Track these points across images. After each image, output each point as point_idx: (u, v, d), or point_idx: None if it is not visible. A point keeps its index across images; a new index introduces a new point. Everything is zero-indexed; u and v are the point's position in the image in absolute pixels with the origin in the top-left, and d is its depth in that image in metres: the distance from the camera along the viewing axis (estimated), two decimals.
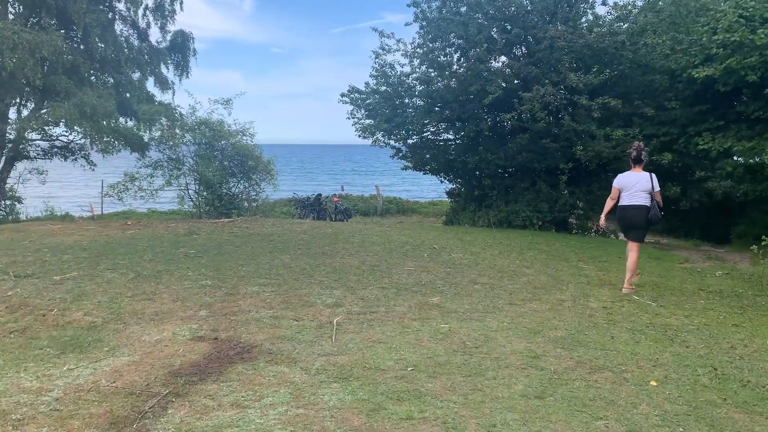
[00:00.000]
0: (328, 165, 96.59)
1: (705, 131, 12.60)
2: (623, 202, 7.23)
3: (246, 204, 17.67)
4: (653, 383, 3.71)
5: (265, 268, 7.82)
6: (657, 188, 7.16)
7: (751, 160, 11.50)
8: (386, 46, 16.07)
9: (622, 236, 10.79)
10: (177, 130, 17.67)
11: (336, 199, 23.25)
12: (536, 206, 15.13)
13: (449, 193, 18.70)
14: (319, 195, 23.39)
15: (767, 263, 8.25)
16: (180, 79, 23.04)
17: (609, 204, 7.48)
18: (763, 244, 7.45)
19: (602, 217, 7.70)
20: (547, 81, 13.02)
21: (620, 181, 7.37)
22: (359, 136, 16.68)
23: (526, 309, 5.85)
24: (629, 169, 7.44)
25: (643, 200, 7.06)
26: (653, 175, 7.26)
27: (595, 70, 13.07)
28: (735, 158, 11.91)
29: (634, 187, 7.14)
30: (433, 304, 5.91)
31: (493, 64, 14.27)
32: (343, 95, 16.76)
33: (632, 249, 7.21)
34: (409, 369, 3.94)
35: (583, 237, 13.98)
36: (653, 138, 13.67)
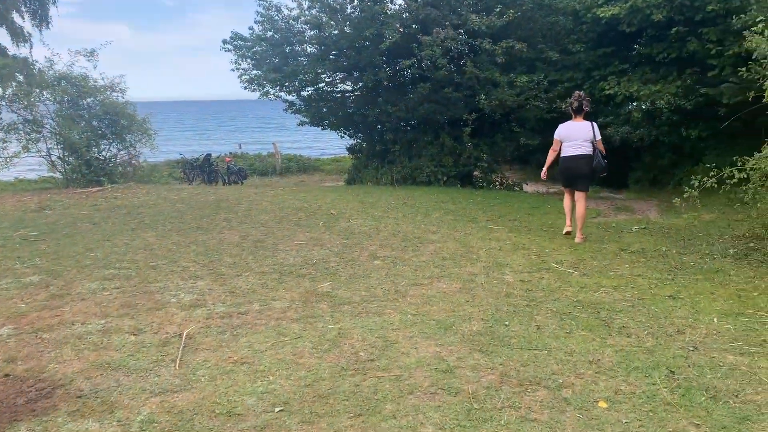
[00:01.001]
0: (226, 122, 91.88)
1: (610, 75, 12.09)
2: (568, 152, 7.09)
3: (120, 169, 15.64)
4: (602, 404, 2.80)
5: (120, 252, 6.37)
6: (599, 137, 7.08)
7: (656, 104, 11.11)
8: None
9: (544, 189, 10.36)
10: (36, 88, 15.24)
11: (228, 159, 21.45)
12: (440, 161, 14.29)
13: (350, 150, 17.51)
14: (209, 155, 21.46)
15: (690, 213, 7.78)
16: (40, 30, 20.20)
17: (551, 155, 7.35)
18: (685, 195, 6.86)
19: (544, 169, 7.56)
20: (447, 24, 11.95)
21: (562, 131, 7.18)
22: (245, 88, 15.00)
23: (434, 291, 4.86)
24: (570, 119, 7.24)
25: (588, 149, 6.99)
26: (594, 123, 7.15)
27: (497, 11, 12.14)
28: (638, 103, 11.50)
29: (578, 137, 7.01)
30: (322, 293, 4.79)
31: (390, 6, 12.99)
32: (225, 42, 14.94)
33: (580, 198, 7.18)
34: (276, 410, 2.81)
35: (489, 191, 13.32)
36: (558, 84, 13.07)
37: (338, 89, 16.23)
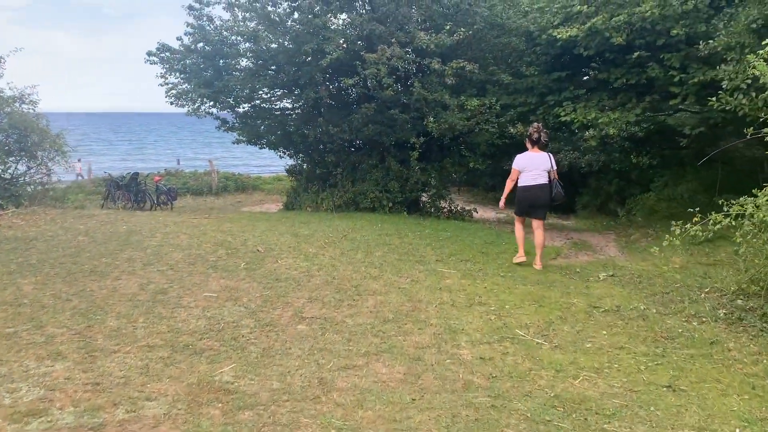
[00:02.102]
0: (167, 135, 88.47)
1: (565, 101, 11.34)
2: (526, 182, 7.28)
3: (30, 190, 13.90)
4: None
5: None
6: (555, 167, 7.39)
7: (611, 132, 10.37)
8: None
9: (508, 215, 9.55)
10: None
11: (157, 178, 19.81)
12: (386, 186, 13.25)
13: (290, 171, 16.27)
14: (136, 174, 19.75)
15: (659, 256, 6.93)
16: None
17: (509, 185, 7.52)
18: (665, 244, 5.98)
19: (502, 199, 7.74)
20: (393, 41, 10.97)
21: (521, 162, 7.36)
22: (172, 103, 13.59)
23: (370, 380, 3.72)
24: (526, 150, 7.44)
25: (545, 179, 7.25)
26: (551, 155, 7.41)
27: (447, 29, 11.25)
28: (595, 130, 10.75)
29: (537, 167, 7.23)
30: (218, 387, 3.57)
31: (333, 21, 11.92)
32: (150, 54, 13.53)
33: (539, 227, 7.48)
34: None
35: (438, 221, 12.32)
36: (510, 108, 12.25)
37: (277, 106, 15.03)
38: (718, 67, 8.48)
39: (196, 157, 41.64)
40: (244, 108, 14.84)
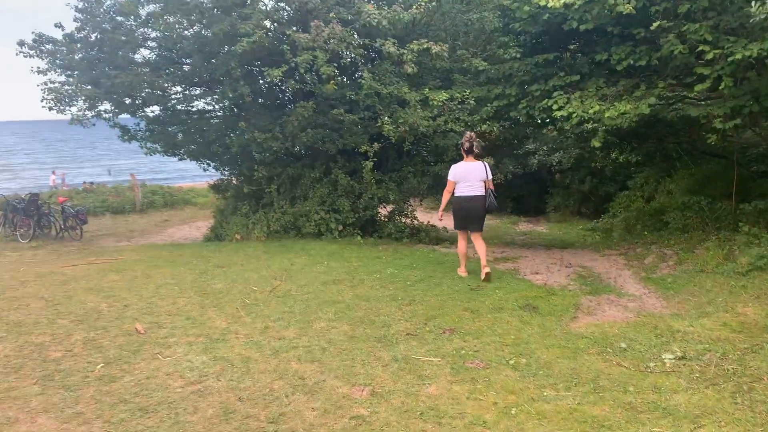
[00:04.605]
0: (86, 145, 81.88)
1: (555, 90, 8.90)
2: (462, 192, 7.11)
3: None
4: None
5: None
6: (490, 177, 7.16)
7: (624, 125, 8.00)
8: None
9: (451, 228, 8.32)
10: None
11: (62, 199, 16.54)
12: (333, 204, 10.61)
13: (214, 188, 13.41)
14: (35, 195, 16.42)
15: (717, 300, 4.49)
16: None
17: (446, 197, 7.32)
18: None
19: (440, 211, 7.65)
20: (333, 16, 8.30)
21: (455, 172, 7.16)
22: (52, 108, 10.53)
23: None
24: (461, 160, 7.20)
25: (481, 190, 7.08)
26: (486, 164, 7.21)
27: (400, 0, 8.66)
28: (597, 125, 8.35)
29: (471, 177, 7.05)
30: None
31: None
32: (22, 44, 10.45)
33: (477, 238, 7.25)
34: None
35: (400, 248, 9.73)
36: (485, 102, 9.75)
37: (194, 108, 12.17)
38: None
39: (127, 169, 37.74)
40: (153, 111, 11.95)
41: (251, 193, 11.52)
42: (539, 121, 10.01)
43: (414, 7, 8.42)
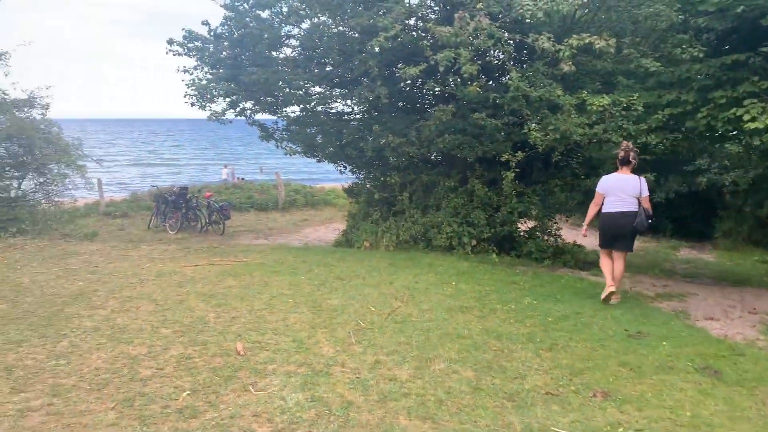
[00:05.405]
0: (245, 143, 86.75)
1: (747, 97, 7.31)
2: (610, 208, 6.53)
3: (30, 210, 11.44)
4: None
5: None
6: (646, 193, 6.48)
7: None
8: None
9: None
10: None
11: (208, 194, 17.22)
12: (468, 216, 9.72)
13: (348, 192, 13.04)
14: (184, 189, 17.26)
15: None
16: None
17: (592, 210, 6.74)
18: None
19: (585, 225, 6.97)
20: (480, 7, 7.40)
21: (605, 185, 6.58)
22: (193, 104, 10.64)
23: None
24: (615, 171, 6.61)
25: (632, 206, 6.43)
26: (643, 178, 6.51)
27: None
28: None
29: (622, 191, 6.45)
30: None
31: None
32: (171, 42, 10.70)
33: (619, 258, 6.63)
34: None
35: (540, 271, 8.62)
36: (655, 110, 8.32)
37: (334, 110, 11.85)
38: None
39: (273, 168, 39.35)
40: (294, 112, 11.79)
41: (383, 199, 10.95)
42: (721, 134, 8.37)
43: None
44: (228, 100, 10.63)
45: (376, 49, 7.60)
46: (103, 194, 20.61)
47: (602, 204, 6.61)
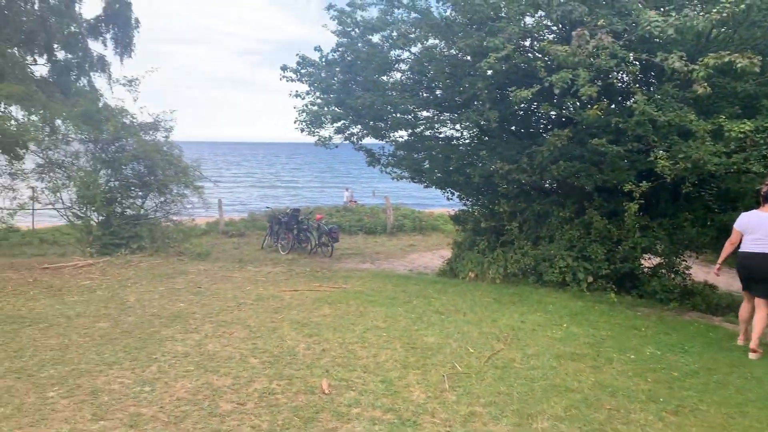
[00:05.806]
0: (360, 167, 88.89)
1: None
2: (747, 248, 6.00)
3: (150, 229, 12.06)
4: None
5: None
6: None
7: None
8: None
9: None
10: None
11: (319, 217, 17.46)
12: (584, 250, 8.95)
13: (455, 219, 12.61)
14: (296, 210, 17.63)
15: None
16: (121, 59, 17.97)
17: (727, 249, 6.24)
18: None
19: (718, 264, 6.31)
20: (602, 24, 6.77)
21: (744, 222, 6.08)
22: (303, 130, 10.75)
23: None
24: (756, 208, 6.11)
25: None
26: None
27: (694, 1, 6.78)
28: None
29: (762, 231, 5.87)
30: None
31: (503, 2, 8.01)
32: (284, 68, 10.91)
33: (761, 306, 5.91)
34: None
35: (665, 317, 7.69)
36: None
37: (442, 134, 11.55)
38: None
39: (365, 192, 39.71)
40: (401, 137, 11.62)
41: (490, 228, 10.42)
42: None
43: (714, 11, 6.45)
44: (336, 125, 10.64)
45: (487, 72, 7.19)
46: (223, 214, 21.65)
47: (739, 243, 6.14)
